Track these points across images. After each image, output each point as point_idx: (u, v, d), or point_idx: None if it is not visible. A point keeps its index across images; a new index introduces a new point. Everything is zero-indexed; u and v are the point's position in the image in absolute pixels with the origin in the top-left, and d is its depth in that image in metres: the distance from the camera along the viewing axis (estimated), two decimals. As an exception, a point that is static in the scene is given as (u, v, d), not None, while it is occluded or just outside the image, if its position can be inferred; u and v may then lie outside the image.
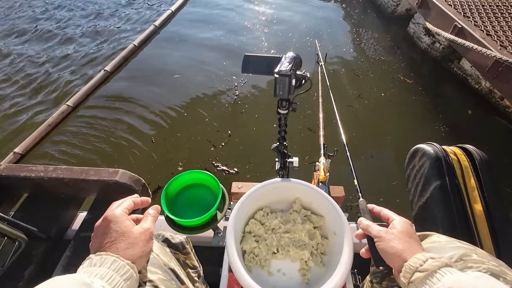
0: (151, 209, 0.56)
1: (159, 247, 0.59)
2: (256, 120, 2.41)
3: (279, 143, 0.86)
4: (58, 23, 3.81)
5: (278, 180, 0.78)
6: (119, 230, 0.47)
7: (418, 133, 2.33)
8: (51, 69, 2.99)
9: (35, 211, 1.04)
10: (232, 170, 2.01)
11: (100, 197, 1.08)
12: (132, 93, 2.66)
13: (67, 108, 2.44)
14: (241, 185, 1.00)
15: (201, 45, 3.35)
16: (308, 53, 3.11)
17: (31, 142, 2.17)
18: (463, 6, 2.57)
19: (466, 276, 0.42)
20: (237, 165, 2.04)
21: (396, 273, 0.50)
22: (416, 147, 0.82)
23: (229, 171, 2.00)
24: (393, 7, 3.81)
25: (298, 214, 0.78)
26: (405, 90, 2.74)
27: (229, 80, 2.82)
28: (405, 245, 0.50)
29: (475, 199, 0.68)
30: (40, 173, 0.95)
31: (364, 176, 1.91)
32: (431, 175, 0.74)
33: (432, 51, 3.12)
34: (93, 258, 0.43)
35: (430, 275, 0.43)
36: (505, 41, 2.10)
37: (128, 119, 2.41)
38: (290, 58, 0.70)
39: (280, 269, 0.71)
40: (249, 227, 0.75)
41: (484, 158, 0.72)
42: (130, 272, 0.43)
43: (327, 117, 1.24)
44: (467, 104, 2.59)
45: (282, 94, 0.68)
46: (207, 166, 2.02)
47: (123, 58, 3.05)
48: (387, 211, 0.60)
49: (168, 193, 0.77)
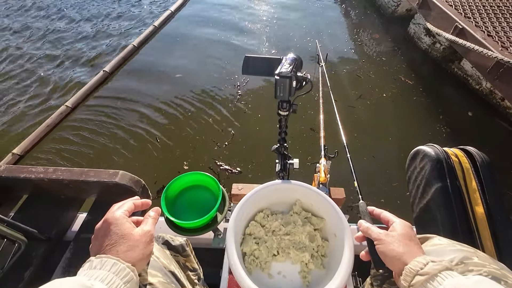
0: (152, 211, 0.56)
1: (159, 250, 0.59)
2: (259, 119, 2.43)
3: (280, 144, 0.86)
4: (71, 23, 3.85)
5: (279, 182, 0.78)
6: (119, 233, 0.47)
7: (419, 134, 2.33)
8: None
9: (35, 212, 1.04)
10: (235, 169, 2.02)
11: (100, 198, 1.08)
12: (134, 93, 2.67)
13: (66, 109, 2.44)
14: (241, 186, 1.00)
15: (202, 45, 3.35)
16: (309, 54, 3.11)
17: (30, 143, 2.17)
18: (464, 6, 2.56)
19: (467, 280, 0.41)
20: (240, 165, 2.05)
21: (397, 276, 0.50)
22: (417, 148, 0.81)
23: (232, 170, 2.01)
24: (393, 7, 3.80)
25: (299, 216, 0.78)
26: (406, 91, 2.74)
27: (231, 79, 2.83)
28: (405, 248, 0.49)
29: (476, 201, 0.68)
30: (40, 174, 0.95)
31: (364, 178, 1.92)
32: (432, 177, 0.74)
33: (433, 52, 3.12)
34: (93, 260, 0.43)
35: (431, 278, 0.43)
36: (506, 42, 2.10)
37: (131, 119, 2.42)
38: (290, 59, 0.69)
39: (280, 272, 0.70)
40: (250, 229, 0.75)
41: (486, 160, 0.72)
42: (130, 275, 0.43)
43: (328, 118, 1.24)
44: (467, 105, 2.59)
45: (282, 95, 0.68)
46: (211, 165, 2.04)
47: (122, 58, 3.05)
48: (387, 214, 0.59)
49: (168, 194, 0.77)
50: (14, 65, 3.08)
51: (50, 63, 3.10)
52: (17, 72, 2.98)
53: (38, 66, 3.05)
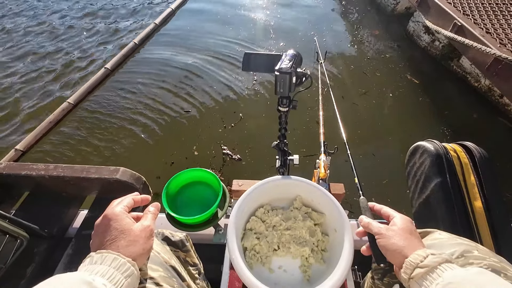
0: (151, 206, 0.56)
1: (159, 245, 0.59)
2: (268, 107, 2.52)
3: (280, 140, 0.86)
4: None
5: (279, 178, 0.79)
6: (119, 228, 0.47)
7: (420, 129, 2.35)
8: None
9: (36, 209, 1.04)
10: (236, 156, 2.09)
11: (101, 195, 1.09)
12: (139, 86, 2.74)
13: (68, 105, 2.45)
14: (241, 182, 1.00)
15: (204, 41, 3.38)
16: (309, 51, 3.11)
17: (33, 139, 2.17)
18: (463, 4, 2.57)
19: (466, 272, 0.42)
20: (243, 150, 2.13)
21: (397, 269, 0.51)
22: (417, 144, 0.82)
23: (232, 155, 2.09)
24: (392, 5, 3.81)
25: (299, 211, 0.78)
26: (411, 90, 2.75)
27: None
28: (405, 241, 0.50)
29: (475, 196, 0.69)
30: (41, 172, 0.95)
31: (365, 174, 1.93)
32: (431, 172, 0.74)
33: (432, 50, 3.12)
34: (94, 256, 0.43)
35: (431, 271, 0.43)
36: (504, 38, 2.10)
37: (139, 116, 2.48)
38: (290, 55, 0.70)
39: (281, 266, 0.71)
40: (250, 224, 0.75)
41: (484, 155, 0.72)
42: (131, 269, 0.43)
43: (333, 114, 1.24)
44: (468, 104, 2.60)
45: (282, 92, 0.68)
46: (215, 148, 2.13)
47: (124, 56, 3.05)
48: (387, 209, 0.60)
49: (169, 191, 0.77)
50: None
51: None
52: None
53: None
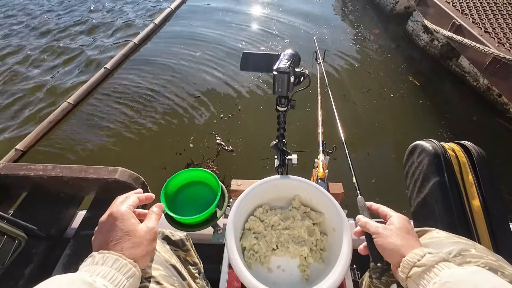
0: (155, 207, 0.56)
1: (159, 244, 0.59)
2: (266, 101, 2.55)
3: (278, 140, 0.86)
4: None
5: (277, 177, 0.78)
6: (124, 229, 0.47)
7: (419, 129, 2.36)
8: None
9: (34, 209, 1.04)
10: (228, 147, 2.12)
11: (100, 195, 1.08)
12: (140, 82, 2.77)
13: (68, 105, 2.45)
14: (240, 182, 1.00)
15: (205, 40, 3.39)
16: (309, 50, 3.11)
17: (33, 139, 2.18)
18: (462, 3, 2.57)
19: (463, 270, 0.42)
20: (235, 140, 2.16)
21: (395, 268, 0.51)
22: (415, 143, 0.82)
23: (224, 146, 2.12)
24: (391, 5, 3.81)
25: (298, 210, 0.78)
26: (410, 91, 2.75)
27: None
28: (403, 240, 0.50)
29: (473, 195, 0.69)
30: (39, 172, 0.95)
31: (363, 173, 1.93)
32: (429, 171, 0.74)
33: (431, 49, 3.12)
34: (96, 256, 0.43)
35: (428, 270, 0.44)
36: (502, 38, 2.11)
37: (153, 108, 2.52)
38: (288, 55, 0.70)
39: (279, 266, 0.71)
40: (249, 224, 0.75)
41: (482, 154, 0.72)
42: (132, 270, 0.43)
43: (332, 114, 1.24)
44: (467, 104, 2.60)
45: (281, 91, 0.68)
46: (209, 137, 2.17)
47: (123, 55, 3.05)
48: (385, 208, 0.60)
49: (168, 191, 0.77)
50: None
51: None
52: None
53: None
